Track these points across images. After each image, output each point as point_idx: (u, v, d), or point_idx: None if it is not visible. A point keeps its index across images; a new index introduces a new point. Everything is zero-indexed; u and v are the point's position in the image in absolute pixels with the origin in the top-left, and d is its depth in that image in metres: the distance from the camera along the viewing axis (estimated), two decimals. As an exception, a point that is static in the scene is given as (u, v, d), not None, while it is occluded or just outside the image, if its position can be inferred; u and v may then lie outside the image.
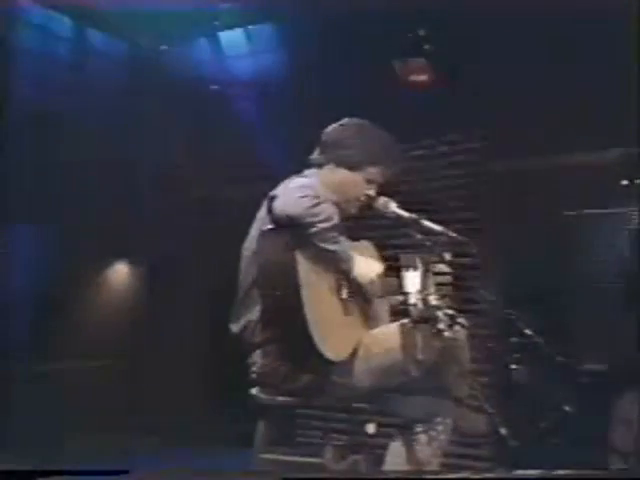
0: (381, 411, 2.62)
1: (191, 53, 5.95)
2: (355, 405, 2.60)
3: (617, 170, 3.89)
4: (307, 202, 2.34)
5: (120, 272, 5.95)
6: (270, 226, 2.43)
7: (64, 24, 5.64)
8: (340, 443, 2.50)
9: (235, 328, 2.55)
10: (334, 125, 2.72)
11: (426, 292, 2.29)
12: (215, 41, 5.94)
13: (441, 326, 2.26)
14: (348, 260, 2.44)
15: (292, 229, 2.34)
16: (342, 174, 2.65)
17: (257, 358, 2.50)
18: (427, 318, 2.22)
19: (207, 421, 5.10)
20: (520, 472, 2.26)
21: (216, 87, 5.90)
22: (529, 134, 3.98)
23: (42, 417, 4.33)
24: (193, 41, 5.97)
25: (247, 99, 5.78)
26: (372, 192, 2.65)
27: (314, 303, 2.31)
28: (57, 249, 5.16)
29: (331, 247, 2.37)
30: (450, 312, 2.30)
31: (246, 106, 5.78)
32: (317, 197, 2.36)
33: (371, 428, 2.53)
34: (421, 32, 4.60)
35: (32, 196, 4.93)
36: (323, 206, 2.37)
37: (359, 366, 2.45)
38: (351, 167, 2.64)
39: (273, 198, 2.41)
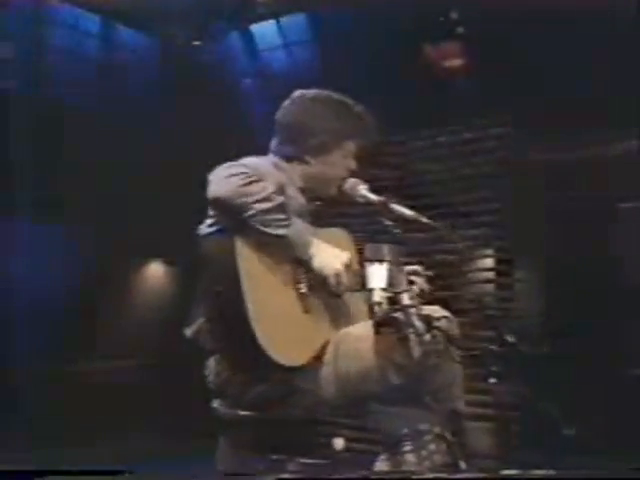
0: (359, 425, 2.29)
1: (224, 47, 5.78)
2: (326, 417, 2.25)
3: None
4: (238, 180, 2.01)
5: (150, 273, 5.85)
6: (210, 212, 2.14)
7: (94, 21, 5.56)
8: (309, 461, 2.16)
9: (189, 332, 2.24)
10: (287, 105, 2.38)
11: (396, 289, 1.94)
12: (249, 34, 5.77)
13: (417, 329, 1.93)
14: (304, 248, 2.10)
15: (229, 213, 2.03)
16: (321, 163, 2.32)
17: (212, 365, 2.20)
18: (392, 320, 1.87)
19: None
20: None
21: (250, 81, 5.72)
22: (563, 119, 3.54)
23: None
24: (226, 35, 5.80)
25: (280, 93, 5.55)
26: (352, 165, 2.34)
27: (257, 299, 1.99)
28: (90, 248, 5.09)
29: (276, 232, 2.04)
30: (426, 313, 1.96)
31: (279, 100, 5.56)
32: (252, 175, 2.03)
33: (339, 444, 2.18)
34: (452, 15, 4.28)
35: (64, 195, 4.88)
36: (260, 184, 2.04)
37: (326, 371, 2.11)
38: (327, 152, 2.32)
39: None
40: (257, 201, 2.01)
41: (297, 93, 2.39)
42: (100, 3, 5.41)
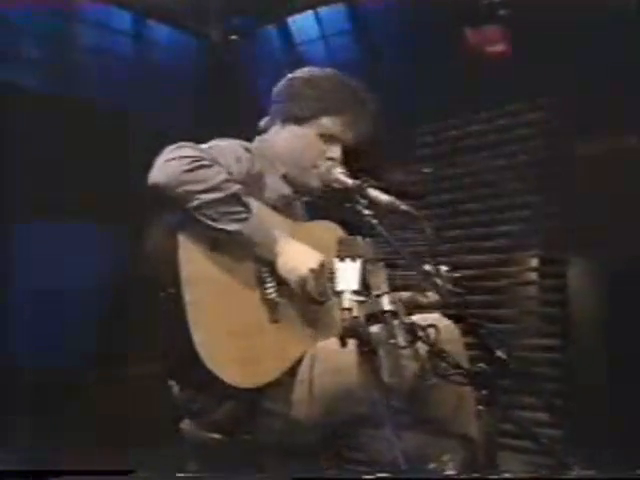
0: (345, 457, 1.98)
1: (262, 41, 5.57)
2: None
3: None
4: (181, 165, 1.71)
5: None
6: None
7: (126, 18, 5.45)
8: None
9: None
10: (287, 77, 2.11)
11: (374, 292, 1.61)
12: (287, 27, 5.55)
13: (400, 341, 1.60)
14: (265, 246, 1.80)
15: (171, 203, 1.75)
16: (289, 132, 2.04)
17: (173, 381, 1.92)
18: (360, 330, 1.54)
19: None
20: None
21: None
22: (608, 103, 3.10)
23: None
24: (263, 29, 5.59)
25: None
26: (336, 154, 2.02)
27: (203, 307, 1.70)
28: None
29: (226, 227, 1.74)
30: (410, 322, 1.62)
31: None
32: (201, 159, 1.74)
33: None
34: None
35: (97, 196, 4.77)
36: (210, 170, 1.74)
37: (299, 391, 1.81)
38: (300, 121, 2.02)
39: None
40: (204, 190, 1.73)
41: (302, 68, 2.16)
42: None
